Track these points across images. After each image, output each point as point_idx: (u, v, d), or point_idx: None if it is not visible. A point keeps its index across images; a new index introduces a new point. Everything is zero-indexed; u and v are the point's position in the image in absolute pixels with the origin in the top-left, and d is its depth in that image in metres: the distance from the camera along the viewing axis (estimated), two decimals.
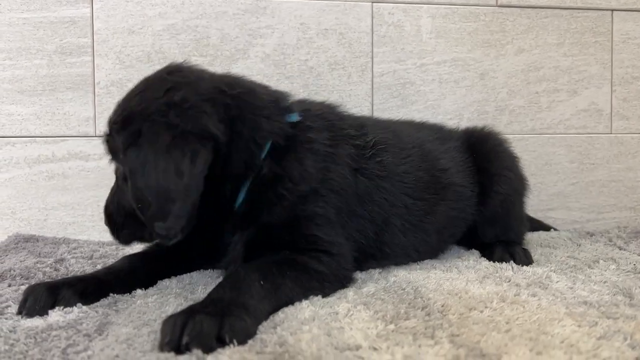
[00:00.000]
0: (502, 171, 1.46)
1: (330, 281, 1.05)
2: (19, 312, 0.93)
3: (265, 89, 1.20)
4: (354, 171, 1.19)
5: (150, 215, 0.96)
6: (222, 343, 0.73)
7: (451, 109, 1.93)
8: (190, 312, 0.76)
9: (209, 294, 0.86)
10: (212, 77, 1.12)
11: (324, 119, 1.22)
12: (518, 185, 1.50)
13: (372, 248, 1.23)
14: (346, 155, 1.19)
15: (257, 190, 1.09)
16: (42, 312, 0.92)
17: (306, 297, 0.97)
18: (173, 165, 0.94)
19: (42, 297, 0.93)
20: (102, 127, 1.13)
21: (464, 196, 1.40)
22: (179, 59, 1.77)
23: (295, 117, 1.16)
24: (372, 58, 1.88)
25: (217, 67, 1.80)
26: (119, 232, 1.16)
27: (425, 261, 1.35)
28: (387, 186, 1.24)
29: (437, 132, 1.49)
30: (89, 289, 1.00)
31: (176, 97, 1.00)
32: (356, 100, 1.87)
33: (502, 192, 1.44)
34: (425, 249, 1.34)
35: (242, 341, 0.74)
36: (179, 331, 0.72)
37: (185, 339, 0.71)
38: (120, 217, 1.13)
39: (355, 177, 1.19)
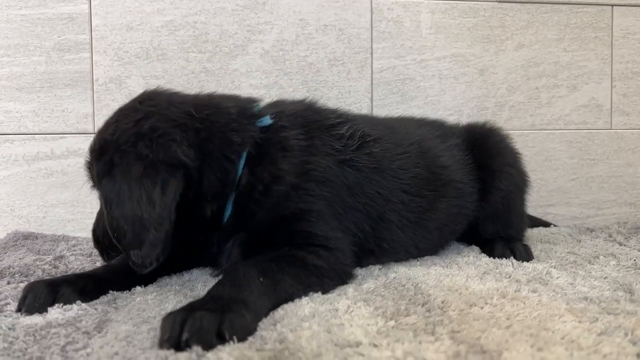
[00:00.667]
0: (503, 168, 1.45)
1: (330, 276, 1.05)
2: (19, 309, 0.92)
3: (234, 100, 1.20)
4: (339, 163, 1.17)
5: (126, 243, 0.98)
6: (222, 340, 0.72)
7: (451, 104, 1.92)
8: (189, 309, 0.75)
9: (209, 291, 0.86)
10: (184, 100, 1.13)
11: (298, 116, 1.21)
12: (519, 182, 1.49)
13: (371, 243, 1.22)
14: (325, 145, 1.17)
15: (240, 202, 1.10)
16: (42, 309, 0.91)
17: (305, 293, 0.97)
18: (145, 194, 0.96)
19: (41, 295, 0.93)
20: (101, 124, 1.13)
21: (464, 193, 1.40)
22: (177, 55, 1.78)
23: (267, 121, 1.15)
24: (372, 54, 1.88)
25: (215, 63, 1.80)
26: (108, 254, 1.19)
27: (425, 257, 1.35)
28: (378, 179, 1.22)
29: (438, 129, 1.48)
30: (89, 286, 1.00)
31: (146, 126, 1.03)
32: (356, 97, 1.87)
33: (504, 188, 1.44)
34: (425, 245, 1.34)
35: (242, 338, 0.74)
36: (178, 328, 0.72)
37: (185, 336, 0.71)
38: (107, 239, 1.14)
39: (342, 169, 1.17)
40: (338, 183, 1.16)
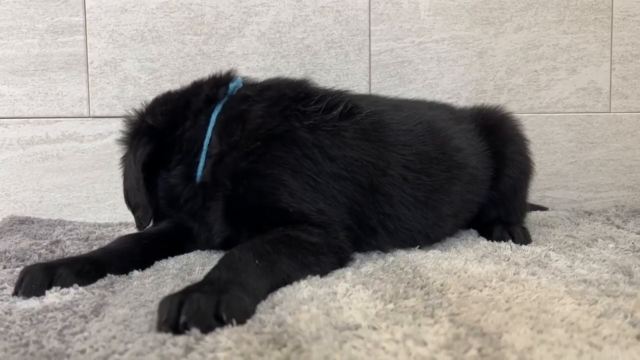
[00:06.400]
0: (515, 155, 1.45)
1: (325, 253, 1.04)
2: (15, 293, 0.92)
3: (219, 77, 1.31)
4: (308, 126, 1.16)
5: (131, 209, 1.24)
6: (220, 322, 0.72)
7: (449, 87, 1.91)
8: (186, 292, 0.75)
9: (206, 275, 0.85)
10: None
11: (270, 89, 1.24)
12: (527, 169, 1.49)
13: (372, 220, 1.20)
14: (287, 110, 1.18)
15: (213, 163, 1.18)
16: (39, 291, 0.91)
17: (302, 272, 0.97)
18: (130, 164, 1.19)
19: (38, 277, 0.93)
20: (96, 107, 1.12)
21: (479, 179, 1.38)
22: (173, 37, 1.75)
23: (232, 91, 1.25)
24: (370, 36, 1.86)
25: (211, 45, 1.78)
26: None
27: None
28: (367, 147, 1.20)
29: (451, 113, 1.47)
30: (86, 268, 0.99)
31: (147, 110, 1.29)
32: (353, 80, 1.85)
33: (513, 176, 1.44)
34: (438, 234, 1.32)
35: (240, 319, 0.73)
36: (175, 311, 0.71)
37: (182, 319, 0.70)
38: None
39: (313, 131, 1.16)
40: (302, 143, 1.15)
